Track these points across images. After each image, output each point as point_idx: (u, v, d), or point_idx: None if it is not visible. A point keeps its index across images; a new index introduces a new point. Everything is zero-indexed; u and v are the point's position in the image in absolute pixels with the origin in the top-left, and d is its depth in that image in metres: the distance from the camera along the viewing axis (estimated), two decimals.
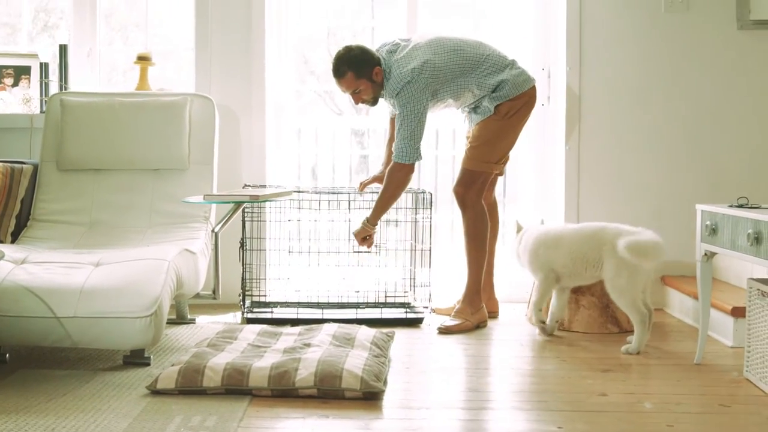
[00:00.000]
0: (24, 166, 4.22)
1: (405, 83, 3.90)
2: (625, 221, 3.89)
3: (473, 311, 4.10)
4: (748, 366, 3.24)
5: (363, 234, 4.07)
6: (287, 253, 4.42)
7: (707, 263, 3.39)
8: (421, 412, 2.86)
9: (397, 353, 3.60)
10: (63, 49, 4.70)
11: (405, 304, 4.47)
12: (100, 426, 2.64)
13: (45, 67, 4.74)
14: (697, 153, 4.66)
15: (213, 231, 3.98)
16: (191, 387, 2.97)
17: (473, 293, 4.11)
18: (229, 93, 4.66)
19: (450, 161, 5.10)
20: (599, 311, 4.02)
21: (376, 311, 4.29)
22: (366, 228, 4.06)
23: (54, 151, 4.30)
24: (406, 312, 4.32)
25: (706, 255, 3.37)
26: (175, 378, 2.99)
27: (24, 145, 4.61)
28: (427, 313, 4.28)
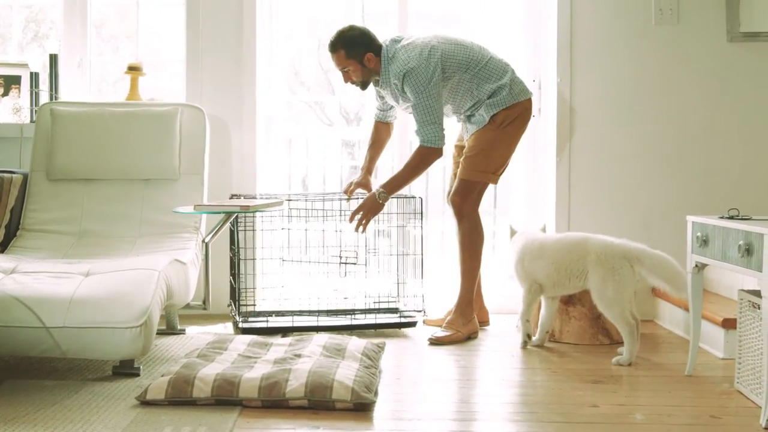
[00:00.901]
0: (14, 175, 4.21)
1: (414, 66, 3.92)
2: (616, 232, 3.90)
3: (464, 322, 4.09)
4: (739, 378, 3.24)
5: (373, 207, 4.00)
6: (279, 262, 4.40)
7: (698, 275, 3.39)
8: (412, 423, 2.85)
9: (388, 364, 3.59)
10: (53, 59, 4.69)
11: (395, 309, 4.47)
12: None
13: (35, 77, 4.72)
14: (688, 164, 4.67)
15: (203, 241, 3.96)
16: (181, 398, 2.96)
17: (465, 304, 4.10)
18: (220, 103, 4.66)
19: (440, 172, 5.09)
20: (590, 322, 4.02)
21: (370, 317, 4.31)
22: (376, 202, 3.99)
23: (44, 161, 4.28)
24: (399, 316, 4.34)
25: (696, 266, 3.37)
26: (165, 389, 2.97)
27: (14, 155, 4.60)
28: (420, 317, 4.30)
